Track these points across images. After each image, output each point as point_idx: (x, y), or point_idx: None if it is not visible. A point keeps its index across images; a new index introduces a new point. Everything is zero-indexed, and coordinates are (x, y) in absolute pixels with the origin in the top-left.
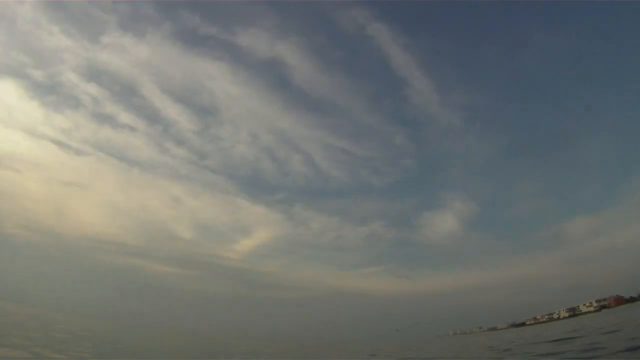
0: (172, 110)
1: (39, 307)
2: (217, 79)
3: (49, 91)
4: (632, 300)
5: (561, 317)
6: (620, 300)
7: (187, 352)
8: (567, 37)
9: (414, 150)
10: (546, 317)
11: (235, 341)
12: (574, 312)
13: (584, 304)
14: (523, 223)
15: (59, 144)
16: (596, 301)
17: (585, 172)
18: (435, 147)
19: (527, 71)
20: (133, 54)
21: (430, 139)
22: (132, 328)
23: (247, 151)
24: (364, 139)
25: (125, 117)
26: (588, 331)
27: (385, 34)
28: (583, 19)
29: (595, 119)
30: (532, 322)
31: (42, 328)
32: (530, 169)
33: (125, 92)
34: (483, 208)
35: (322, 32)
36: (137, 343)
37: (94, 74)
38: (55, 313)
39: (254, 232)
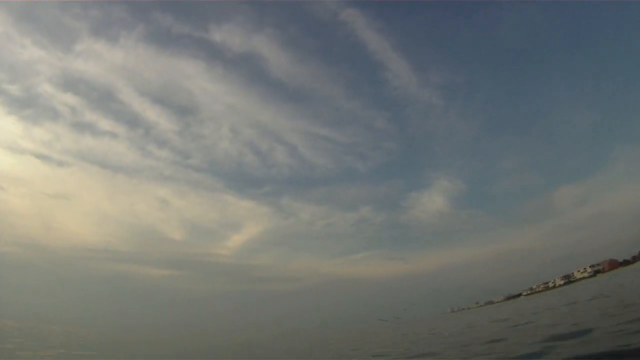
0: (151, 113)
1: (34, 321)
2: (194, 77)
3: (26, 105)
4: (625, 263)
5: (557, 285)
6: (614, 264)
7: (188, 351)
8: (541, 8)
9: (396, 133)
10: (542, 286)
11: (231, 336)
12: (568, 280)
13: (578, 271)
14: (511, 197)
15: (40, 157)
16: (590, 267)
17: (567, 142)
18: (417, 128)
19: (503, 46)
20: (107, 59)
21: (411, 120)
22: (130, 333)
23: (229, 147)
24: (346, 125)
25: (105, 123)
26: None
27: (359, 19)
28: None
29: (574, 89)
30: (528, 292)
31: (40, 339)
32: (513, 143)
33: (103, 98)
34: (470, 185)
35: (296, 22)
36: (136, 347)
37: (70, 83)
38: (52, 325)
39: (243, 227)
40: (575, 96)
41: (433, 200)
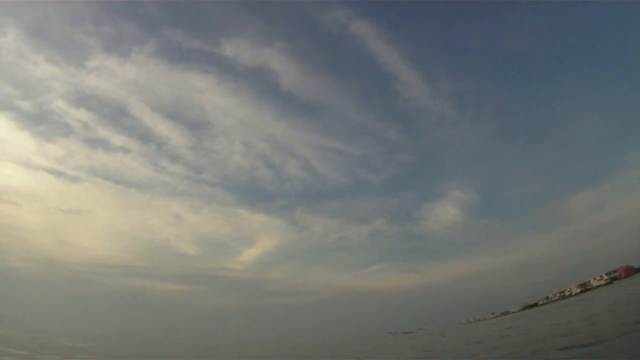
0: (163, 128)
1: (48, 335)
2: (206, 91)
3: (39, 121)
4: None
5: (573, 293)
6: (630, 271)
7: None
8: (551, 13)
9: (408, 144)
10: (558, 295)
11: (246, 349)
12: (585, 288)
13: (595, 278)
14: (524, 205)
15: (54, 172)
16: (606, 274)
17: (580, 148)
18: (429, 139)
19: (513, 53)
20: (119, 75)
21: (423, 131)
22: (143, 347)
23: (242, 161)
24: (358, 137)
25: (117, 139)
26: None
27: (368, 31)
28: None
29: (585, 95)
30: (544, 301)
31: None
32: (525, 150)
33: (115, 114)
34: (483, 194)
35: (306, 35)
36: None
37: (82, 99)
38: (65, 340)
39: (257, 242)
40: (587, 102)
41: (446, 211)
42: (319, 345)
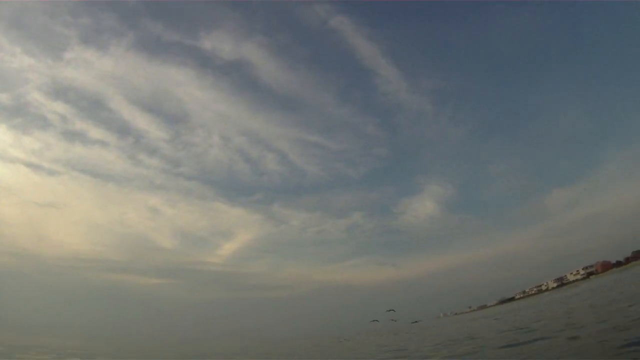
0: (141, 121)
1: (27, 333)
2: (184, 85)
3: (15, 113)
4: (618, 264)
5: (550, 288)
6: (607, 266)
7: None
8: (530, 13)
9: (387, 139)
10: (535, 289)
11: (223, 344)
12: (561, 282)
13: (571, 273)
14: (502, 200)
15: (30, 166)
16: (583, 269)
17: (558, 145)
18: (407, 134)
19: (492, 51)
20: (97, 67)
21: (402, 125)
22: (121, 342)
23: (220, 154)
24: (337, 132)
25: (95, 132)
26: None
27: (348, 26)
28: None
29: (564, 93)
30: (521, 296)
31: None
32: (503, 147)
33: (93, 107)
34: (461, 189)
35: (286, 29)
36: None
37: (59, 91)
38: (44, 338)
39: (235, 235)
40: (567, 99)
41: (424, 206)
42: (287, 340)
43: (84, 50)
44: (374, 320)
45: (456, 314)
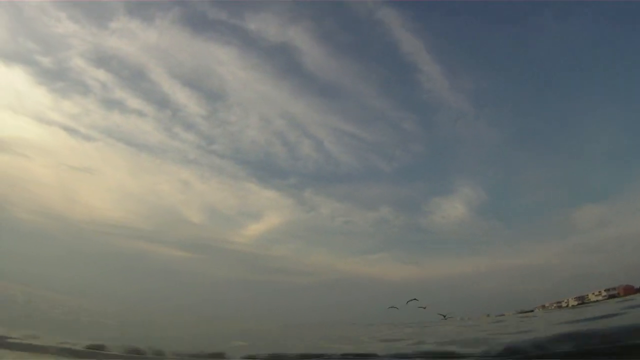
0: (180, 95)
1: (47, 289)
2: (226, 63)
3: (57, 77)
4: None
5: (570, 305)
6: (630, 290)
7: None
8: (581, 27)
9: (423, 136)
10: (555, 305)
11: (237, 323)
12: (582, 301)
13: (593, 293)
14: (531, 210)
15: (67, 129)
16: (605, 290)
17: (594, 161)
18: (444, 133)
19: (539, 58)
20: (141, 39)
21: (440, 124)
22: (142, 311)
23: (257, 135)
24: (374, 123)
25: (134, 102)
26: None
27: (395, 18)
28: (599, 8)
29: (606, 108)
30: (540, 309)
31: (49, 310)
32: (539, 156)
33: (134, 77)
34: (491, 195)
35: (333, 16)
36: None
37: (102, 59)
38: (63, 296)
39: (263, 217)
40: (607, 115)
41: (454, 207)
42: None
43: (129, 21)
44: (391, 307)
45: (472, 319)
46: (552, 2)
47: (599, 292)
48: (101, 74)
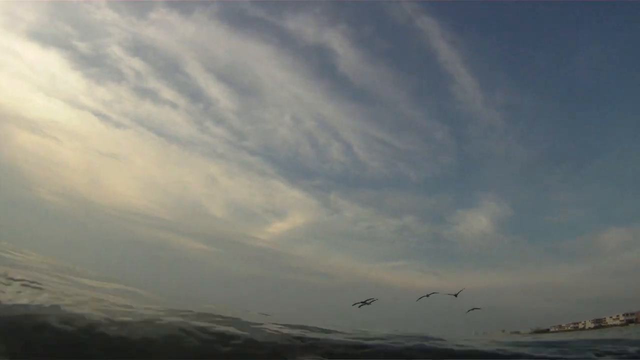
0: (214, 90)
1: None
2: (262, 61)
3: (92, 63)
4: None
5: (586, 327)
6: None
7: None
8: (619, 49)
9: (453, 147)
10: (571, 326)
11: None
12: (599, 324)
13: (611, 317)
14: (556, 230)
15: (99, 115)
16: (624, 315)
17: (622, 184)
18: (475, 146)
19: (574, 77)
20: (179, 31)
21: (470, 136)
22: (156, 299)
23: (288, 135)
24: (404, 132)
25: (167, 93)
26: None
27: (433, 27)
28: (637, 31)
29: (637, 134)
30: (556, 329)
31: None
32: (568, 175)
33: (169, 68)
34: (517, 211)
35: (371, 22)
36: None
37: (139, 48)
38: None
39: (287, 216)
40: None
41: (478, 221)
42: None
43: (168, 13)
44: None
45: (487, 334)
46: (589, 24)
47: (617, 316)
48: (136, 63)
